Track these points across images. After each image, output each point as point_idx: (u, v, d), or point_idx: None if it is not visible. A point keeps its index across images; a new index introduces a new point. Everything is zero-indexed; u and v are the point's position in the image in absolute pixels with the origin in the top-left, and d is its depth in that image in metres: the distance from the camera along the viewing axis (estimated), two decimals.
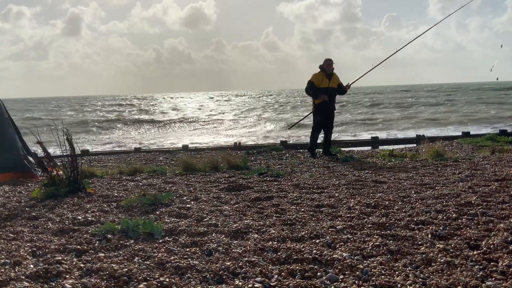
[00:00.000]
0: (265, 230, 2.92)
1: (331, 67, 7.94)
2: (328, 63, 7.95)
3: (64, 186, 4.22)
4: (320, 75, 7.94)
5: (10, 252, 2.47)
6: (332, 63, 7.96)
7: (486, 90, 56.24)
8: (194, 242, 2.69)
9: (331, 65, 7.94)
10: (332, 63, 7.95)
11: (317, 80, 7.90)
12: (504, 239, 2.57)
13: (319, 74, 7.96)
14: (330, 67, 7.94)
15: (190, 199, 4.02)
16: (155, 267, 2.27)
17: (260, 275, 2.17)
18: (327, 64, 7.96)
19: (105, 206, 3.72)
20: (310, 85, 7.93)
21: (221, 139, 19.44)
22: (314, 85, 7.90)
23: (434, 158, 6.91)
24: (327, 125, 8.16)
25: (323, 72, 7.95)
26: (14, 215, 3.41)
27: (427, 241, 2.64)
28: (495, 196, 3.83)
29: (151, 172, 5.93)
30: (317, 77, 7.93)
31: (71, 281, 2.07)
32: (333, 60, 7.99)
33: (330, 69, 7.93)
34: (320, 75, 7.94)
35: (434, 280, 2.09)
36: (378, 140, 12.08)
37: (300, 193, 4.27)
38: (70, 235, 2.87)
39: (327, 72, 7.93)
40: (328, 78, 7.91)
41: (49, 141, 4.82)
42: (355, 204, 3.67)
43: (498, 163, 6.03)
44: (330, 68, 7.93)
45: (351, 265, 2.26)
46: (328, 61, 7.97)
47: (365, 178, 5.14)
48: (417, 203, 3.68)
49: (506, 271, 2.17)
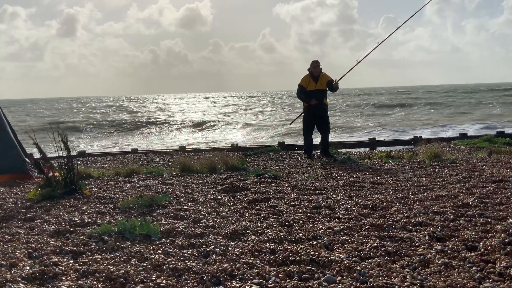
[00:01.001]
0: (263, 232, 2.92)
1: (317, 69, 7.97)
2: (314, 66, 7.98)
3: (61, 187, 4.20)
4: (307, 77, 8.03)
5: (6, 254, 2.45)
6: (318, 65, 7.99)
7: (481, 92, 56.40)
8: (191, 244, 2.68)
9: (317, 67, 7.97)
10: (318, 65, 7.98)
11: (305, 83, 7.98)
12: (502, 241, 2.57)
13: (306, 77, 8.07)
14: (316, 69, 7.97)
15: (187, 200, 4.01)
16: (152, 269, 2.26)
17: (257, 276, 2.16)
18: (313, 66, 8.00)
19: (101, 208, 3.70)
20: (300, 89, 8.06)
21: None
22: (304, 88, 7.98)
23: (431, 159, 6.92)
24: (321, 127, 8.17)
25: (310, 75, 8.00)
26: (10, 216, 3.39)
27: (425, 243, 2.64)
28: (493, 198, 3.83)
29: (148, 174, 5.91)
30: (304, 80, 8.03)
31: (67, 283, 2.05)
32: (319, 61, 8.01)
33: (316, 71, 7.97)
34: (308, 78, 8.02)
35: (431, 281, 2.08)
36: (376, 142, 12.10)
37: (298, 194, 4.27)
38: (67, 236, 2.85)
39: (313, 74, 7.97)
40: (314, 80, 7.95)
41: (45, 142, 4.80)
42: (353, 206, 3.66)
43: (496, 165, 6.04)
44: (316, 70, 7.97)
45: (348, 266, 2.26)
46: (314, 63, 8.00)
47: (363, 180, 5.14)
48: (414, 204, 3.68)
49: (504, 273, 2.17)
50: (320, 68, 8.00)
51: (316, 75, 7.95)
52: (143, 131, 28.76)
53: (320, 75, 7.96)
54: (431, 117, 28.81)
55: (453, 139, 11.19)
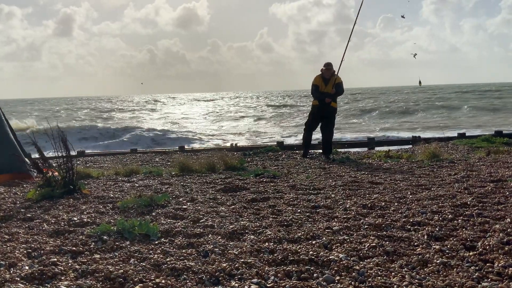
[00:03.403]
0: (262, 231, 2.92)
1: (328, 72, 7.94)
2: (326, 68, 7.96)
3: (60, 187, 4.20)
4: (319, 78, 8.02)
5: (5, 253, 2.45)
6: (331, 67, 7.96)
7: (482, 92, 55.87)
8: (190, 244, 2.68)
9: (329, 70, 7.95)
10: (330, 68, 7.95)
11: (318, 82, 7.99)
12: (500, 240, 2.58)
13: (318, 77, 8.04)
14: (327, 72, 7.94)
15: (186, 200, 4.01)
16: (151, 269, 2.26)
17: (256, 276, 2.17)
18: (325, 68, 7.98)
19: (100, 207, 3.70)
20: (315, 88, 8.03)
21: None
22: (318, 87, 7.98)
23: (430, 159, 6.93)
24: (324, 128, 8.16)
25: (322, 76, 8.00)
26: (9, 216, 3.39)
27: (423, 242, 2.65)
28: (491, 197, 3.84)
29: (147, 173, 5.91)
30: (317, 80, 8.02)
31: (66, 283, 2.06)
32: (332, 64, 7.98)
33: (327, 74, 7.94)
34: (319, 78, 8.01)
35: (430, 281, 2.09)
36: (374, 141, 12.10)
37: (297, 194, 4.27)
38: (66, 236, 2.86)
39: (324, 76, 7.96)
40: (325, 82, 7.94)
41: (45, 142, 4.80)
42: (352, 205, 3.67)
43: (494, 164, 6.06)
44: (327, 74, 7.94)
45: (347, 266, 2.26)
46: (327, 65, 7.97)
47: (361, 179, 5.15)
48: (413, 204, 3.69)
49: (502, 272, 2.18)
50: (333, 70, 7.96)
51: (327, 77, 7.94)
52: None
53: (331, 78, 7.94)
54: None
55: (452, 139, 11.20)
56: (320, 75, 8.03)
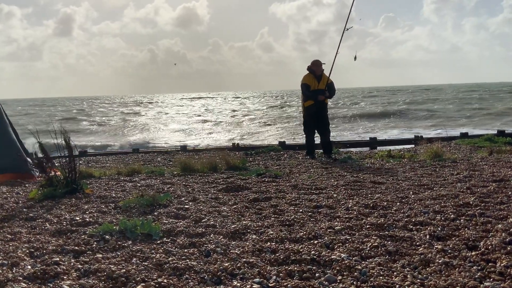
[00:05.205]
0: (263, 231, 2.92)
1: (320, 68, 7.89)
2: (317, 65, 7.91)
3: (62, 187, 4.21)
4: (310, 77, 7.92)
5: (8, 253, 2.46)
6: (321, 64, 7.92)
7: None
8: (192, 243, 2.68)
9: (320, 66, 7.90)
10: (320, 64, 7.91)
11: (309, 81, 7.89)
12: (502, 240, 2.57)
13: (308, 76, 7.94)
14: (319, 68, 7.89)
15: (188, 200, 4.01)
16: (153, 268, 2.26)
17: (258, 276, 2.17)
18: (316, 66, 7.91)
19: (103, 207, 3.71)
20: (306, 87, 7.91)
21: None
22: (309, 87, 7.88)
23: (432, 158, 6.92)
24: (320, 129, 8.10)
25: (312, 74, 7.93)
26: (12, 216, 3.40)
27: (425, 242, 2.64)
28: (493, 197, 3.83)
29: (149, 173, 5.92)
30: (308, 79, 7.91)
31: (68, 282, 2.06)
32: (321, 61, 7.95)
33: (318, 71, 7.88)
34: (310, 77, 7.91)
35: (432, 280, 2.09)
36: (376, 141, 12.09)
37: (299, 193, 4.27)
38: (68, 236, 2.86)
39: (316, 74, 7.90)
40: (317, 79, 7.89)
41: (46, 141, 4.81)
42: (353, 205, 3.67)
43: (496, 164, 6.04)
44: (318, 70, 7.88)
45: (349, 266, 2.26)
46: (317, 62, 7.92)
47: (363, 179, 5.14)
48: (415, 203, 3.69)
49: (504, 272, 2.17)
50: (322, 68, 7.95)
51: (319, 74, 7.90)
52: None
53: (323, 74, 7.92)
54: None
55: (454, 139, 11.18)
56: (309, 74, 7.93)
